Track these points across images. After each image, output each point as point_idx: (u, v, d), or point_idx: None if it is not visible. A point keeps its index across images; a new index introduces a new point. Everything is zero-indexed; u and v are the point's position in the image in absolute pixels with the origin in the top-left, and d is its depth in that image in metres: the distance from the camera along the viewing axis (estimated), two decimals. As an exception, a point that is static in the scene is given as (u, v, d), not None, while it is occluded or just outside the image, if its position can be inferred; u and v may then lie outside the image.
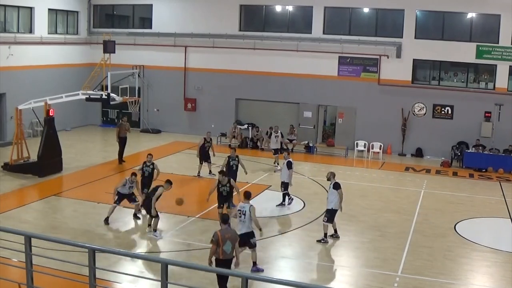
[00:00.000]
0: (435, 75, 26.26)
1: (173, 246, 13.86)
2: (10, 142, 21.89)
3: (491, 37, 24.71)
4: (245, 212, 11.86)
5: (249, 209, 11.88)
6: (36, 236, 8.51)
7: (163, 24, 29.22)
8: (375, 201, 18.49)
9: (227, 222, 10.44)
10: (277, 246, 14.15)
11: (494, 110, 24.85)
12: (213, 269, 9.83)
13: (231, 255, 10.33)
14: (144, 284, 11.54)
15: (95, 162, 22.14)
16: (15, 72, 25.31)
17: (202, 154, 20.52)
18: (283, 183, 17.22)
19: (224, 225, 10.40)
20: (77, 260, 10.10)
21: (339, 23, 27.26)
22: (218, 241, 10.14)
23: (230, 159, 17.74)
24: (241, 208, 11.97)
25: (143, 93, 29.36)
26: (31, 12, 26.78)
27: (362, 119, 26.70)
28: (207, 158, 20.61)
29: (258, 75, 27.90)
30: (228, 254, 10.21)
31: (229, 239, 10.21)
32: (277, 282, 7.64)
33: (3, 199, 16.78)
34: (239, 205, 12.15)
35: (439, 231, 15.57)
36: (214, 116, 28.83)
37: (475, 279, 12.72)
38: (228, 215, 10.82)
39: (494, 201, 19.19)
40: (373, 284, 12.03)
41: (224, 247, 10.15)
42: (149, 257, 11.39)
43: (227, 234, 10.25)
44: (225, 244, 10.16)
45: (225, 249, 10.16)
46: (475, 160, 23.86)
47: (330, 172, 14.81)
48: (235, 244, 10.37)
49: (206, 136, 20.77)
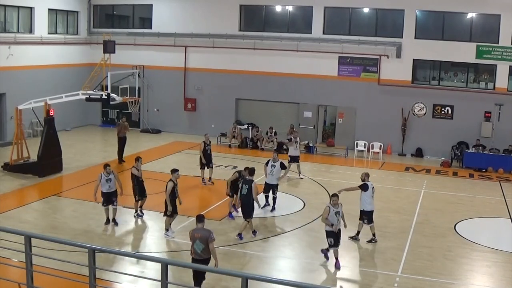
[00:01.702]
0: (435, 75, 26.26)
1: (173, 246, 13.85)
2: (10, 142, 21.90)
3: (491, 37, 24.71)
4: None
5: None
6: (36, 236, 8.51)
7: (163, 24, 29.22)
8: (375, 201, 18.32)
9: (201, 221, 10.64)
10: (277, 246, 14.16)
11: (494, 110, 24.85)
12: (213, 269, 9.80)
13: (204, 256, 10.38)
14: (144, 284, 11.54)
15: (95, 162, 22.13)
16: (15, 72, 25.31)
17: (205, 159, 19.58)
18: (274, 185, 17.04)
19: (199, 224, 10.60)
20: (77, 260, 10.10)
21: (339, 23, 27.27)
22: (190, 239, 10.50)
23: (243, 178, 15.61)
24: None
25: (143, 93, 29.36)
26: (31, 12, 26.79)
27: (362, 119, 26.70)
28: (209, 163, 19.69)
29: (258, 75, 27.90)
30: (199, 253, 10.34)
31: (198, 239, 10.33)
32: (277, 282, 7.64)
33: (3, 199, 16.79)
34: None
35: (439, 231, 15.57)
36: (214, 116, 28.83)
37: (475, 279, 12.73)
38: (203, 216, 10.86)
39: (494, 201, 19.20)
40: (373, 284, 12.04)
41: (195, 246, 10.38)
42: (149, 257, 11.37)
43: (197, 234, 10.41)
44: (194, 242, 10.37)
45: (195, 248, 10.38)
46: (475, 160, 23.86)
47: (364, 172, 14.71)
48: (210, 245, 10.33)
49: (205, 139, 19.87)
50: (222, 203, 17.21)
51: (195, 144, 26.75)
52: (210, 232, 10.53)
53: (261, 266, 12.93)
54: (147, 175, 20.71)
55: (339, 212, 12.73)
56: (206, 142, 19.73)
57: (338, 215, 12.72)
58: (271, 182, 16.98)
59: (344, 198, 13.84)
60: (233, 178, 15.92)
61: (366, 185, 14.34)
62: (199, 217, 10.77)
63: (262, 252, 13.72)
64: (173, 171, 14.39)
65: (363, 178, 14.52)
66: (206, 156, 19.60)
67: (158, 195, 18.08)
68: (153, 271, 10.97)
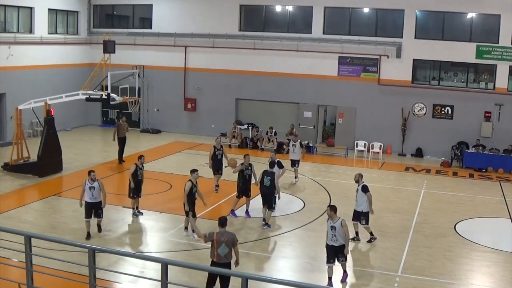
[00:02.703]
0: (435, 75, 26.27)
1: (173, 246, 13.85)
2: (10, 142, 21.89)
3: (491, 37, 24.70)
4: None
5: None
6: (36, 236, 8.51)
7: (163, 24, 29.22)
8: (375, 201, 18.26)
9: (224, 225, 10.21)
10: (277, 246, 14.16)
11: (494, 110, 24.85)
12: (213, 269, 9.80)
13: (227, 260, 10.03)
14: (144, 284, 11.54)
15: (95, 162, 22.13)
16: (15, 72, 25.31)
17: (214, 165, 18.32)
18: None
19: (222, 228, 10.17)
20: (77, 260, 10.11)
21: (339, 23, 27.27)
22: (213, 242, 9.98)
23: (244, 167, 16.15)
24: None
25: (143, 93, 29.36)
26: (31, 12, 26.78)
27: (362, 119, 26.70)
28: (219, 169, 18.38)
29: (258, 75, 27.90)
30: (222, 257, 9.96)
31: (224, 243, 9.96)
32: (277, 282, 7.64)
33: (3, 199, 16.79)
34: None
35: (439, 231, 15.57)
36: (214, 116, 28.84)
37: (475, 279, 12.73)
38: (226, 218, 10.39)
39: (494, 201, 19.19)
40: (373, 284, 12.04)
41: (219, 250, 9.95)
42: (149, 257, 11.37)
43: (223, 238, 10.01)
44: (219, 246, 9.95)
45: (219, 252, 9.96)
46: (475, 160, 23.86)
47: (358, 174, 14.38)
48: (234, 247, 10.10)
49: (215, 144, 18.55)
50: (224, 202, 17.22)
51: (195, 144, 26.82)
52: (234, 235, 10.26)
53: (261, 266, 12.93)
54: (147, 175, 20.77)
55: (334, 228, 11.48)
56: (216, 146, 18.54)
57: (334, 230, 11.49)
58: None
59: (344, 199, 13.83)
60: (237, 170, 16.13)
61: (367, 186, 14.21)
62: (222, 220, 10.27)
63: (262, 252, 13.73)
64: (193, 171, 13.93)
65: (357, 179, 14.27)
66: (216, 162, 18.37)
67: (158, 195, 18.15)
68: (153, 271, 10.96)
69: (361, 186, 14.14)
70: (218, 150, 18.44)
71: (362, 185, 14.15)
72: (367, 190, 14.06)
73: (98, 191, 13.89)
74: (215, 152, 18.39)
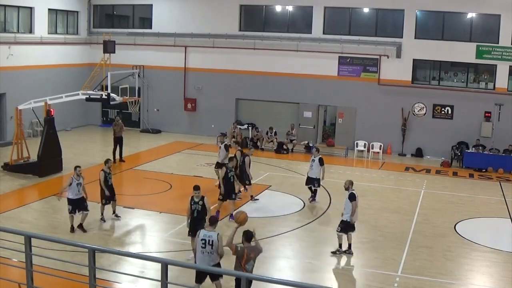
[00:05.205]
0: (435, 75, 26.27)
1: (173, 246, 13.85)
2: (10, 142, 21.89)
3: (491, 37, 24.70)
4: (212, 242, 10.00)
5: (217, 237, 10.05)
6: (36, 236, 8.51)
7: (163, 24, 29.22)
8: (375, 201, 18.49)
9: (251, 239, 9.79)
10: (277, 246, 14.15)
11: (494, 110, 24.85)
12: (213, 269, 9.81)
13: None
14: (144, 284, 11.54)
15: (95, 162, 22.10)
16: (15, 72, 25.31)
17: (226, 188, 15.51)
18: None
19: (248, 243, 9.75)
20: (77, 260, 10.11)
21: (339, 23, 27.26)
22: (243, 257, 9.65)
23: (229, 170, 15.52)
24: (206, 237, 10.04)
25: (143, 93, 29.35)
26: (31, 12, 26.78)
27: (362, 119, 26.71)
28: (230, 195, 15.55)
29: (258, 75, 27.90)
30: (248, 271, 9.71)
31: (253, 259, 9.81)
32: (277, 282, 7.64)
33: (3, 199, 16.79)
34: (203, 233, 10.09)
35: (439, 231, 15.57)
36: (214, 116, 28.84)
37: (475, 279, 12.72)
38: (252, 233, 9.83)
39: (494, 201, 19.19)
40: (373, 284, 12.03)
41: (247, 266, 9.73)
42: (149, 257, 11.36)
43: (253, 253, 9.81)
44: (248, 263, 9.74)
45: (247, 267, 9.72)
46: (475, 160, 23.86)
47: (348, 180, 13.62)
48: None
49: (230, 165, 15.82)
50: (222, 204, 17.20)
51: (195, 144, 26.82)
52: (261, 248, 10.03)
53: (261, 266, 12.91)
54: (147, 175, 20.82)
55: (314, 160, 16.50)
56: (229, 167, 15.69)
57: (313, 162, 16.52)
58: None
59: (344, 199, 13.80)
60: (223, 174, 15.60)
61: (354, 195, 13.37)
62: (250, 235, 9.75)
63: (262, 252, 13.69)
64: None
65: (346, 186, 13.46)
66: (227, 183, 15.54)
67: (158, 195, 18.15)
68: (153, 271, 10.96)
69: (349, 194, 13.36)
70: (230, 172, 15.55)
71: (350, 193, 13.35)
72: (353, 199, 13.23)
73: (82, 187, 14.32)
74: (227, 172, 15.56)
